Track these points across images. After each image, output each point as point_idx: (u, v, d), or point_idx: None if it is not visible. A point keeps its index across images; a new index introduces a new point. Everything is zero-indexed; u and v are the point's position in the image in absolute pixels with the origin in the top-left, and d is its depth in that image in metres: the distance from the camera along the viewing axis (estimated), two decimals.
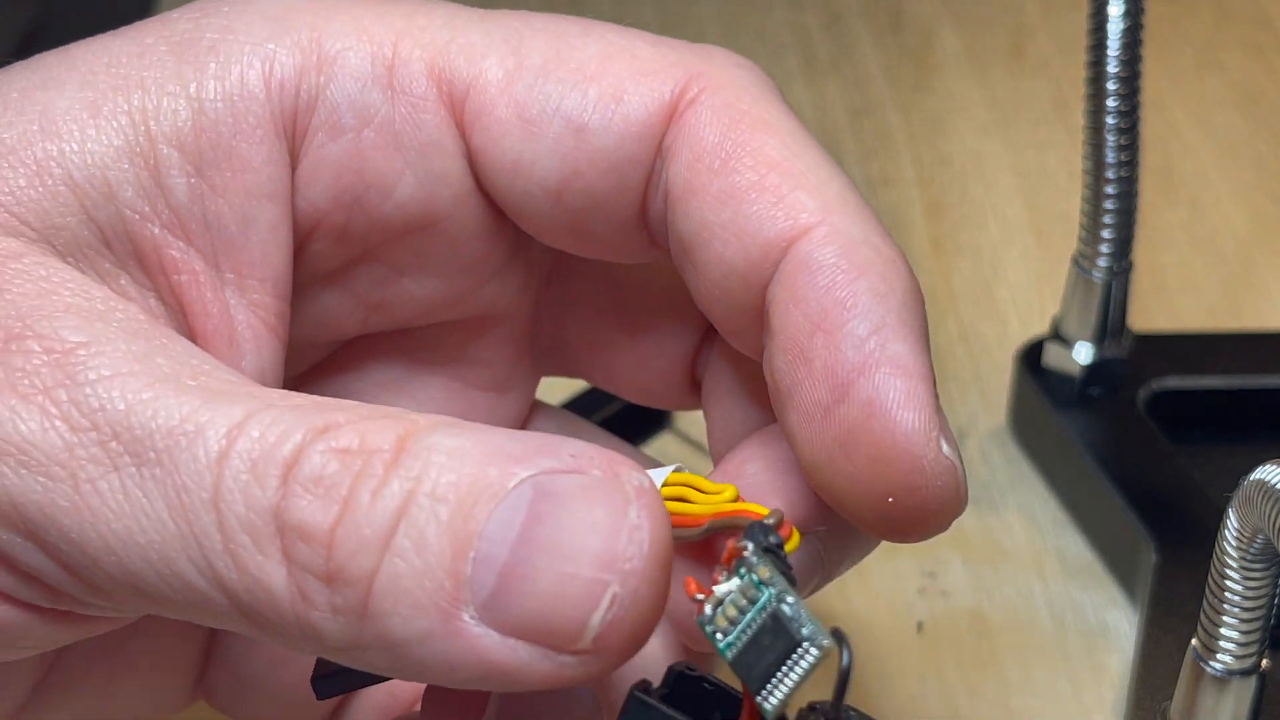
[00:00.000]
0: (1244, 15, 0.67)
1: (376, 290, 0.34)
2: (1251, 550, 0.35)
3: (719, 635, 0.27)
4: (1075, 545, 0.47)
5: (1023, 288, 0.55)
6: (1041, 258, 0.56)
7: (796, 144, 0.31)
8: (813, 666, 0.27)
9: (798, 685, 0.27)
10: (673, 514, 0.28)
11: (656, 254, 0.33)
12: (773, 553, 0.27)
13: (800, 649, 0.26)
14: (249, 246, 0.31)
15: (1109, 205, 0.46)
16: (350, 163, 0.32)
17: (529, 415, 0.37)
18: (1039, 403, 0.49)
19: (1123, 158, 0.46)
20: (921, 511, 0.30)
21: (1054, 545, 0.47)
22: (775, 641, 0.27)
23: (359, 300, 0.34)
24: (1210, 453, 0.48)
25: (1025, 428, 0.50)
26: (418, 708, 0.36)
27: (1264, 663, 0.38)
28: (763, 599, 0.27)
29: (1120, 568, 0.46)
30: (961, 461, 0.30)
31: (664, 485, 0.30)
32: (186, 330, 0.31)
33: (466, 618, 0.26)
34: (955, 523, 0.47)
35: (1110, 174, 0.46)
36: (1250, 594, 0.36)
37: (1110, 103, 0.45)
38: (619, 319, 0.36)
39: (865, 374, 0.29)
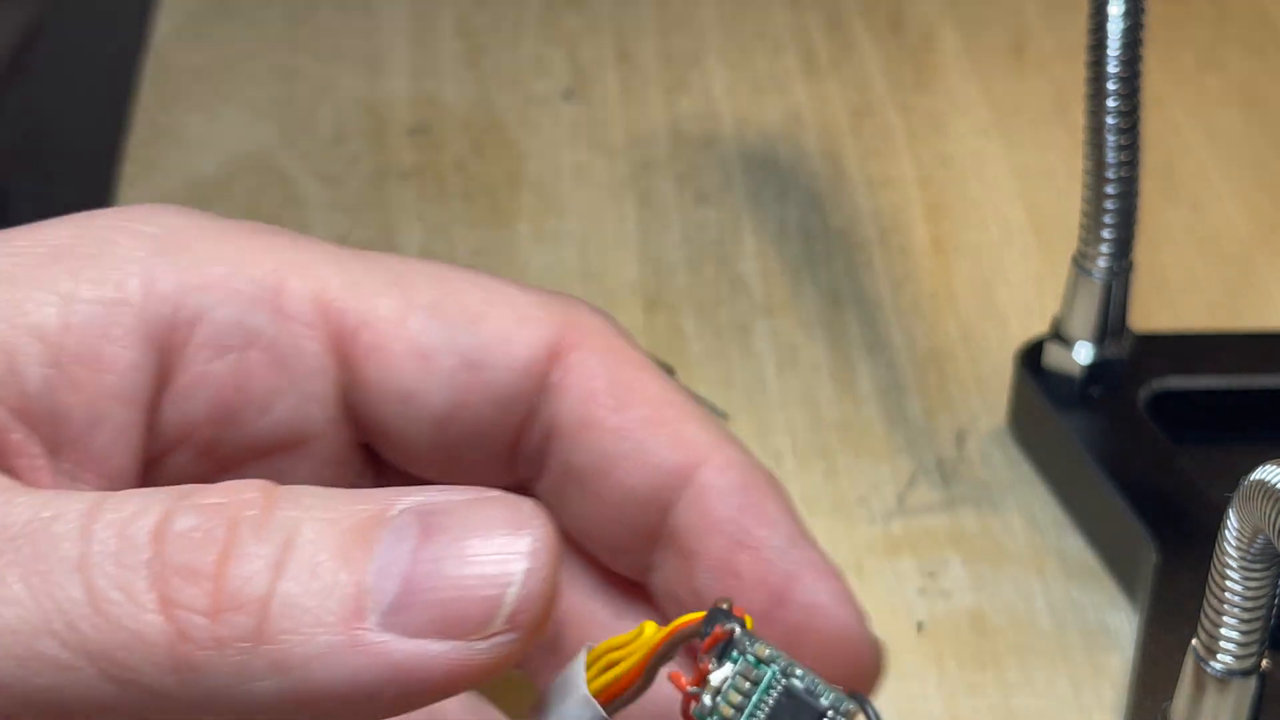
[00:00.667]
0: (1245, 15, 0.67)
1: None
2: (1252, 550, 0.35)
3: None
4: (1075, 545, 0.47)
5: (1023, 288, 0.55)
6: (1042, 258, 0.56)
7: (669, 384, 0.35)
8: None
9: None
10: (614, 682, 0.29)
11: (509, 482, 0.35)
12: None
13: None
14: (93, 444, 0.32)
15: (1109, 205, 0.46)
16: (233, 380, 0.33)
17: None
18: (1039, 403, 0.49)
19: (1123, 157, 0.46)
20: (860, 688, 0.33)
21: (1054, 545, 0.47)
22: (796, 718, 0.27)
23: None
24: (1211, 453, 0.48)
25: (1025, 428, 0.50)
26: None
27: (1264, 663, 0.38)
28: (768, 677, 0.27)
29: (1121, 568, 0.46)
30: (882, 645, 0.35)
31: (589, 670, 0.30)
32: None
33: (371, 624, 0.27)
34: (956, 523, 0.47)
35: (1111, 174, 0.46)
36: (1250, 594, 0.36)
37: (1111, 102, 0.45)
38: None
39: (799, 581, 0.33)
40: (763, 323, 0.54)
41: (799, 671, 0.27)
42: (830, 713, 0.26)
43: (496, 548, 0.28)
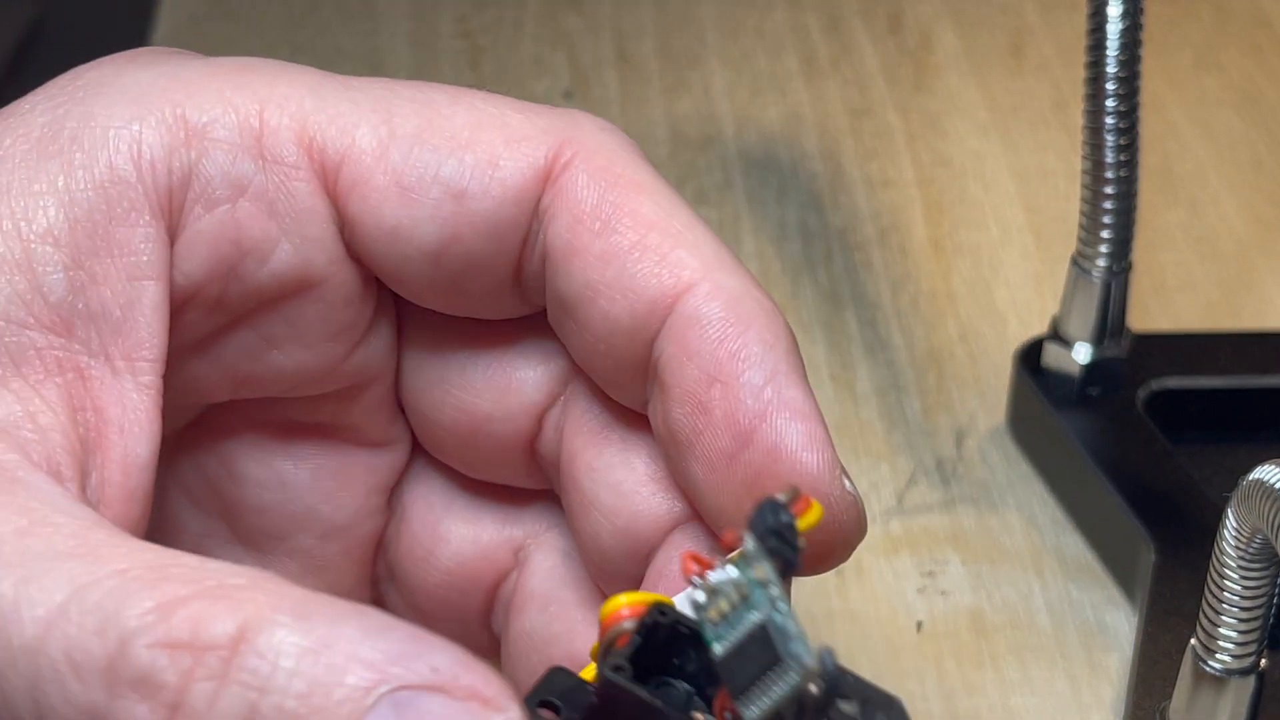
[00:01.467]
0: (1243, 16, 0.67)
1: (245, 364, 0.34)
2: (1250, 550, 0.36)
3: (709, 627, 0.27)
4: (1074, 545, 0.47)
5: (1022, 288, 0.55)
6: (1041, 258, 0.56)
7: (670, 204, 0.32)
8: (793, 688, 0.26)
9: (777, 704, 0.26)
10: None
11: (526, 311, 0.34)
12: (780, 537, 0.27)
13: (784, 666, 0.26)
14: (136, 329, 0.31)
15: (1108, 205, 0.46)
16: (227, 233, 0.32)
17: (409, 462, 0.37)
18: (1038, 403, 0.49)
19: (1122, 158, 0.46)
20: (828, 545, 0.31)
21: (1053, 545, 0.47)
22: (762, 652, 0.26)
23: (226, 372, 0.34)
24: (1209, 452, 0.48)
25: (1024, 428, 0.50)
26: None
27: (1263, 662, 0.38)
28: (755, 601, 0.27)
29: (1119, 567, 0.46)
30: (859, 496, 0.31)
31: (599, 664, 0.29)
32: (75, 431, 0.30)
33: None
34: (955, 523, 0.47)
35: (1109, 174, 0.46)
36: (1249, 593, 0.36)
37: (1109, 103, 0.45)
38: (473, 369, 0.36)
39: (766, 420, 0.31)
40: None
41: (782, 608, 0.26)
42: (790, 662, 0.26)
43: None
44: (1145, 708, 0.41)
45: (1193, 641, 0.38)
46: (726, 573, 0.27)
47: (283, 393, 0.35)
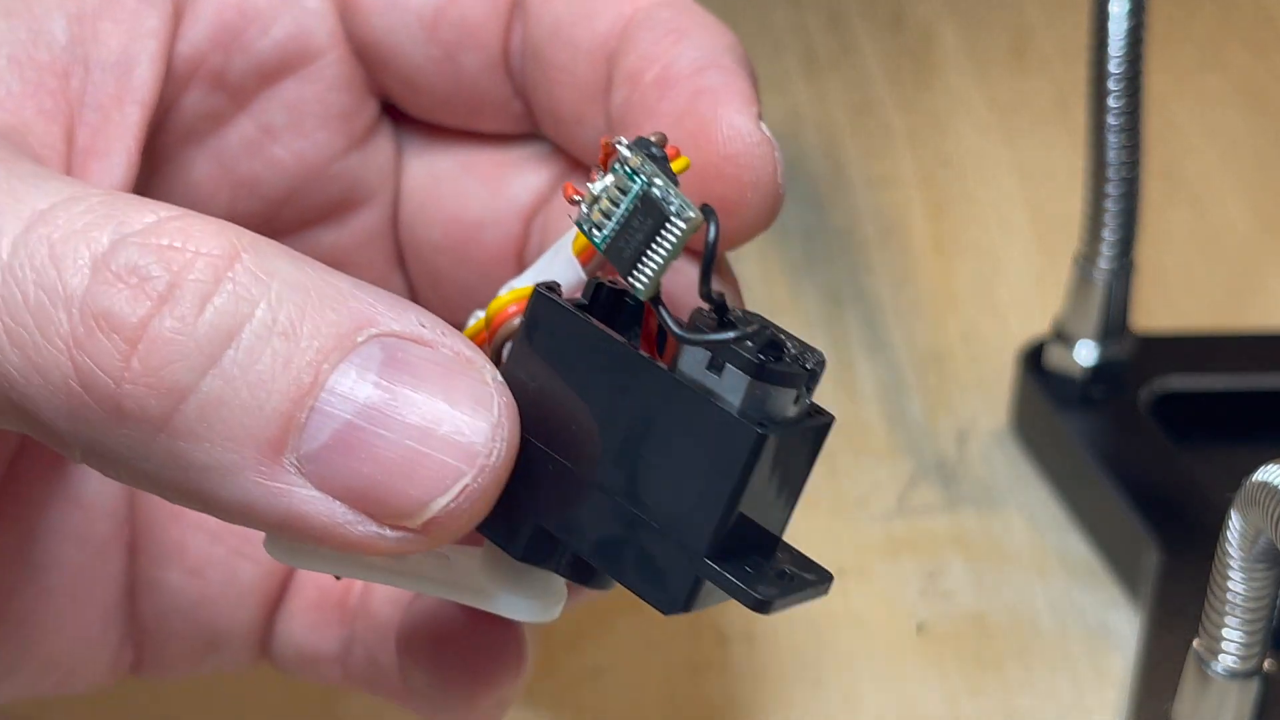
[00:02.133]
0: (1246, 13, 0.67)
1: (244, 160, 0.34)
2: (1254, 551, 0.35)
3: (595, 231, 0.27)
4: (1077, 546, 0.47)
5: (1024, 288, 0.55)
6: (1043, 258, 0.56)
7: None
8: (680, 239, 0.26)
9: (667, 260, 0.27)
10: (588, 247, 0.29)
11: (515, 128, 0.35)
12: (651, 155, 0.27)
13: (668, 224, 0.26)
14: (129, 78, 0.31)
15: (1110, 205, 0.46)
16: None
17: None
18: (1041, 403, 0.49)
19: (1124, 157, 0.46)
20: (738, 182, 0.31)
21: (1056, 546, 0.47)
22: (645, 222, 0.27)
23: (226, 171, 0.34)
24: (1212, 453, 0.48)
25: (1027, 428, 0.50)
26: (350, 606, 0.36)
27: (1267, 664, 0.38)
28: (635, 187, 0.27)
29: (1122, 568, 0.46)
30: (777, 147, 0.31)
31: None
32: (64, 149, 0.31)
33: (286, 464, 0.25)
34: (956, 523, 0.47)
35: (1112, 173, 0.46)
36: (1253, 595, 0.36)
37: (1112, 102, 0.45)
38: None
39: (695, 76, 0.31)
40: None
41: (660, 181, 0.27)
42: (673, 218, 0.26)
43: (453, 443, 0.26)
44: (1148, 710, 0.41)
45: (1196, 643, 0.38)
46: (605, 180, 0.27)
47: (281, 197, 0.35)
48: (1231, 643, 0.37)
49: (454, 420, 0.26)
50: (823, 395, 0.53)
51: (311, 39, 0.34)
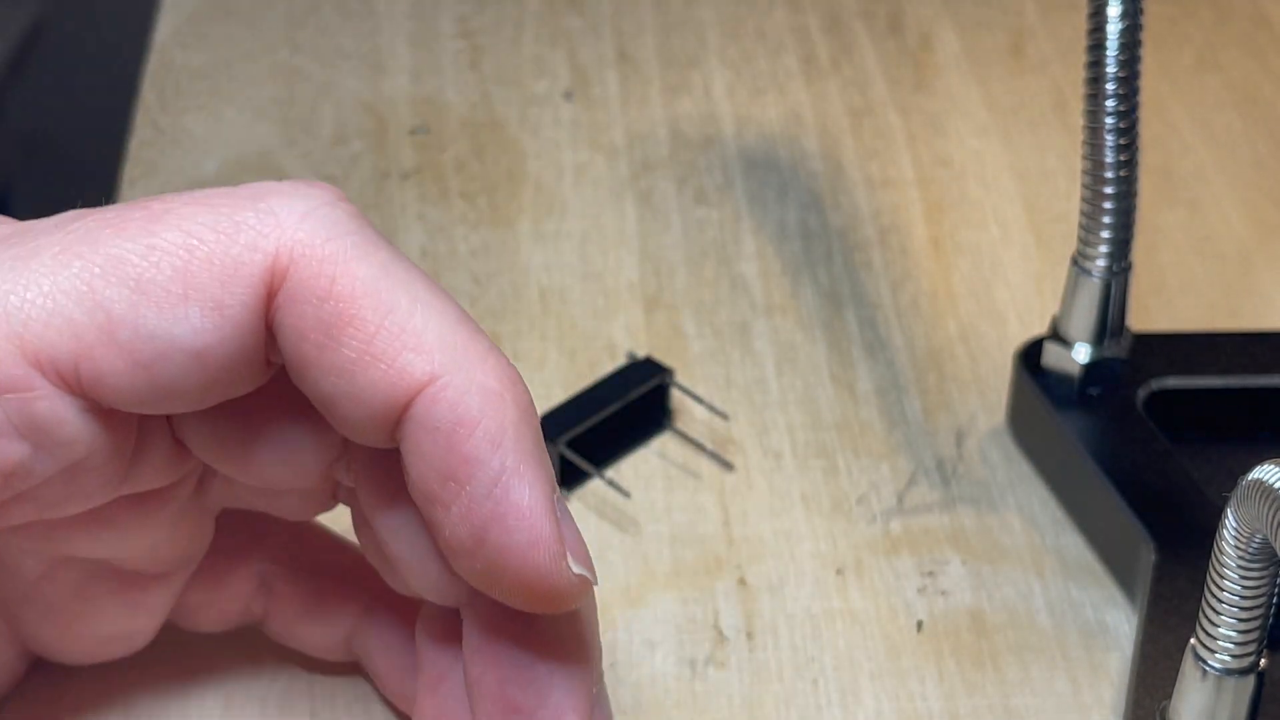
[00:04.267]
0: (1243, 15, 0.67)
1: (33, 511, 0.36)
2: (1250, 550, 0.36)
3: None
4: (1074, 545, 0.47)
5: (1022, 288, 0.55)
6: (1041, 258, 0.56)
7: (390, 295, 0.34)
8: None
9: None
10: None
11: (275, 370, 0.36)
12: None
13: None
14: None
15: (1108, 205, 0.46)
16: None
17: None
18: (1038, 402, 0.49)
19: (1122, 158, 0.46)
20: (557, 609, 0.35)
21: (1053, 545, 0.47)
22: None
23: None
24: (1209, 452, 0.48)
25: (1024, 427, 0.50)
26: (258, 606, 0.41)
27: (1262, 662, 0.38)
28: None
29: (1119, 567, 0.46)
30: (591, 567, 0.35)
31: None
32: None
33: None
34: (956, 522, 0.47)
35: (1109, 174, 0.46)
36: (1248, 593, 0.36)
37: (1109, 103, 0.45)
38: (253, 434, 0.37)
39: (497, 522, 0.34)
40: (762, 323, 0.54)
41: None
42: None
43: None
44: (1145, 707, 0.41)
45: (1192, 641, 0.38)
46: None
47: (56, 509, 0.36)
48: (1227, 641, 0.37)
49: None
50: (823, 395, 0.54)
51: (76, 455, 0.34)
